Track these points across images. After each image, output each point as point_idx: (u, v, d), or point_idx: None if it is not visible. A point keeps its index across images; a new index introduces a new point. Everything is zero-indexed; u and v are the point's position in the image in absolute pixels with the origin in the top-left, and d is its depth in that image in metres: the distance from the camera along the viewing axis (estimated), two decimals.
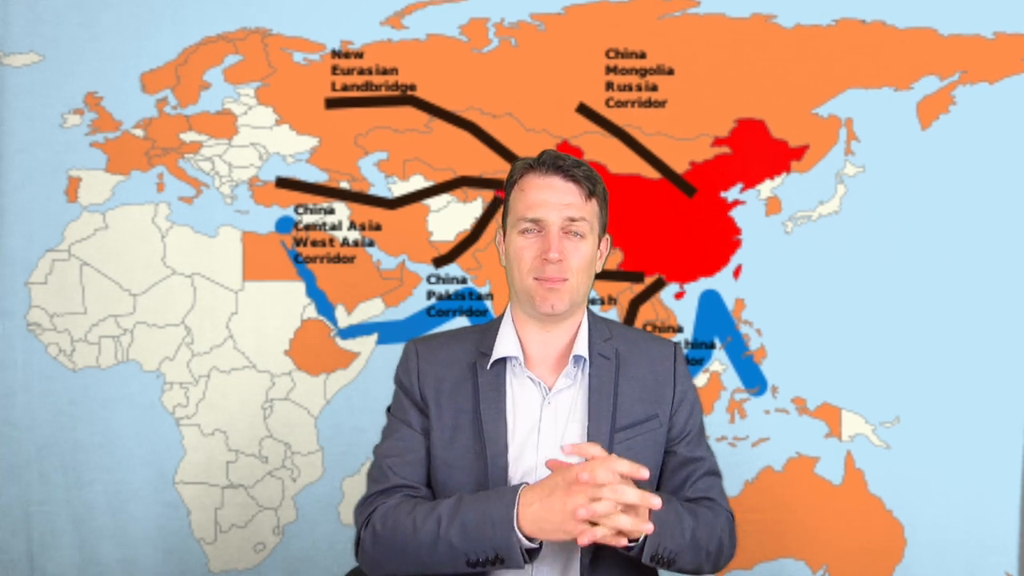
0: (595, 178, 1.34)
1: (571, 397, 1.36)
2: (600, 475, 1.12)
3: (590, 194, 1.33)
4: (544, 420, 1.33)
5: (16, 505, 2.20)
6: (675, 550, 1.23)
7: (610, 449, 1.29)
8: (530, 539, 1.16)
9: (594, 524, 1.13)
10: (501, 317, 1.42)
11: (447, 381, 1.36)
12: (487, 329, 1.41)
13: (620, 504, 1.12)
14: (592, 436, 1.32)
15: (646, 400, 1.37)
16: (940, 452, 2.19)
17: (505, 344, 1.36)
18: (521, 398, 1.35)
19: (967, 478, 2.19)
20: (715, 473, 1.42)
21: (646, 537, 1.18)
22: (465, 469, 1.32)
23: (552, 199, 1.31)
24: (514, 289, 1.37)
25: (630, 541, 1.18)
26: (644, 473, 1.13)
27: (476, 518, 1.17)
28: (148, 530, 2.21)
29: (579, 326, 1.39)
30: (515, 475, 1.31)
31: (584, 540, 1.12)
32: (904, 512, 2.21)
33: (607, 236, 1.42)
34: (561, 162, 1.33)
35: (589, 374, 1.35)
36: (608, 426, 1.33)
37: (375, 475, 1.36)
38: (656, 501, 1.12)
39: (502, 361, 1.36)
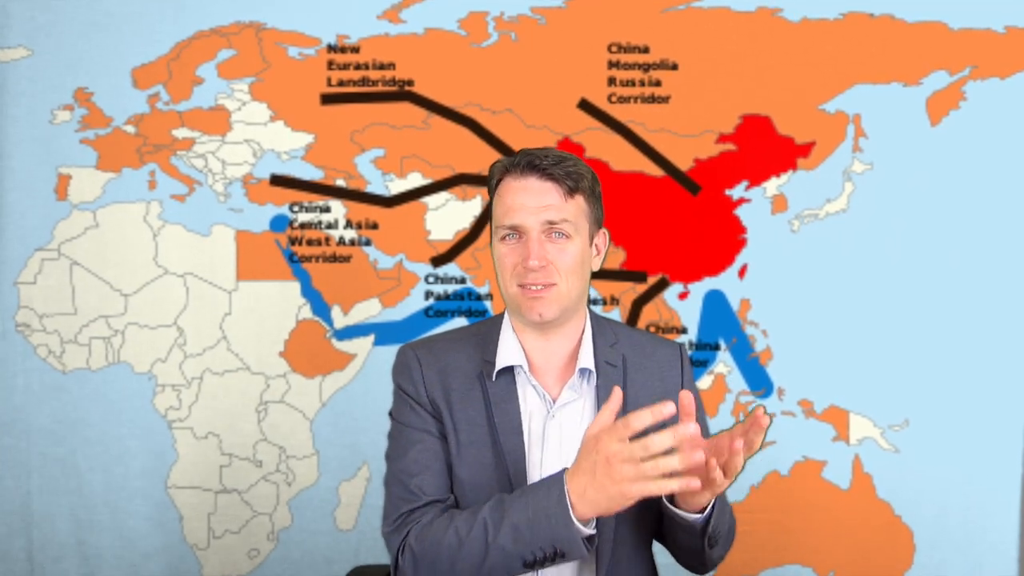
0: (579, 173, 1.26)
1: (578, 411, 1.29)
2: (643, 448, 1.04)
3: (572, 191, 1.25)
4: (548, 435, 1.27)
5: (16, 507, 2.17)
6: (721, 532, 1.21)
7: None
8: (585, 525, 1.11)
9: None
10: (499, 320, 1.35)
11: (454, 390, 1.29)
12: (487, 334, 1.33)
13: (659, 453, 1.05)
14: None
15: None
16: (950, 456, 2.16)
17: (508, 352, 1.29)
18: (526, 409, 1.29)
19: (977, 483, 2.16)
20: None
21: (713, 507, 1.15)
22: (483, 487, 1.25)
23: (529, 202, 1.24)
24: (504, 298, 1.31)
25: (699, 511, 1.15)
26: (668, 410, 1.04)
27: (528, 517, 1.11)
28: (140, 535, 2.18)
29: (582, 332, 1.32)
30: None
31: (646, 494, 1.07)
32: (913, 517, 2.17)
33: (604, 231, 1.34)
34: (538, 160, 1.25)
35: (596, 386, 1.29)
36: None
37: (402, 494, 1.26)
38: (700, 457, 1.06)
39: (508, 369, 1.29)
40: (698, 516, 1.16)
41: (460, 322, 2.20)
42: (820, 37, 2.16)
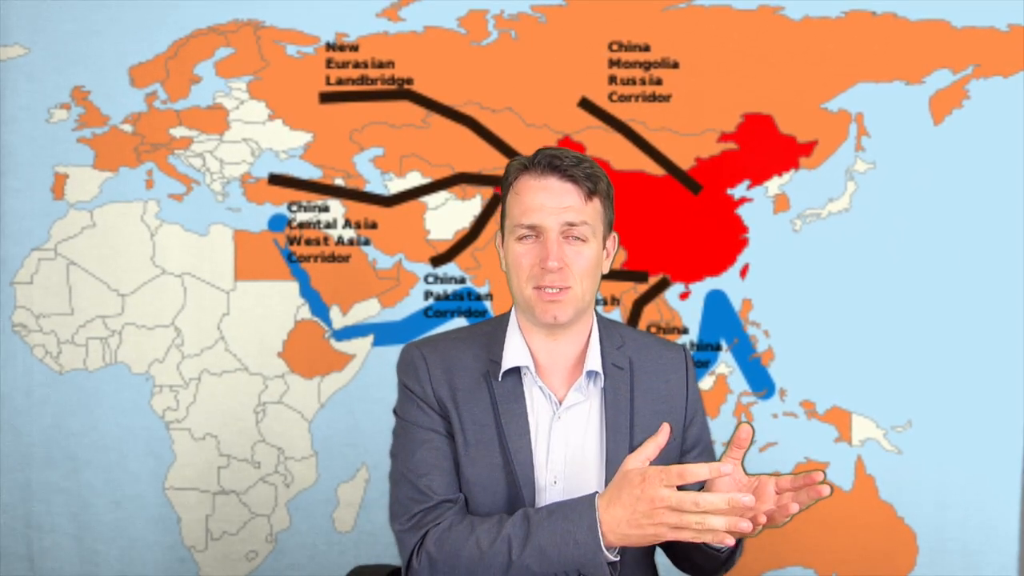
0: (597, 175, 1.27)
1: (584, 413, 1.30)
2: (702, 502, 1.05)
3: (591, 193, 1.25)
4: (554, 437, 1.28)
5: (14, 508, 2.16)
6: (738, 553, 1.24)
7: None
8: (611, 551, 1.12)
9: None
10: (505, 320, 1.35)
11: (461, 390, 1.29)
12: (492, 333, 1.34)
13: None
14: (611, 453, 1.27)
15: (660, 412, 1.32)
16: (954, 457, 2.14)
17: (514, 352, 1.30)
18: (532, 410, 1.29)
19: (981, 484, 2.14)
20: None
21: (739, 541, 1.16)
22: (490, 488, 1.26)
23: (549, 203, 1.24)
24: (515, 298, 1.31)
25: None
26: (725, 469, 1.08)
27: (555, 540, 1.11)
28: (137, 537, 2.16)
29: (589, 335, 1.33)
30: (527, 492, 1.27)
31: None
32: (916, 520, 2.16)
33: (614, 234, 1.35)
34: (558, 161, 1.25)
35: (604, 388, 1.30)
36: (627, 443, 1.28)
37: (412, 494, 1.26)
38: (746, 526, 1.04)
39: (514, 370, 1.30)
40: (723, 547, 1.18)
41: (460, 322, 2.18)
42: (822, 35, 2.15)
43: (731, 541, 1.04)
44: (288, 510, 2.17)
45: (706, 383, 2.18)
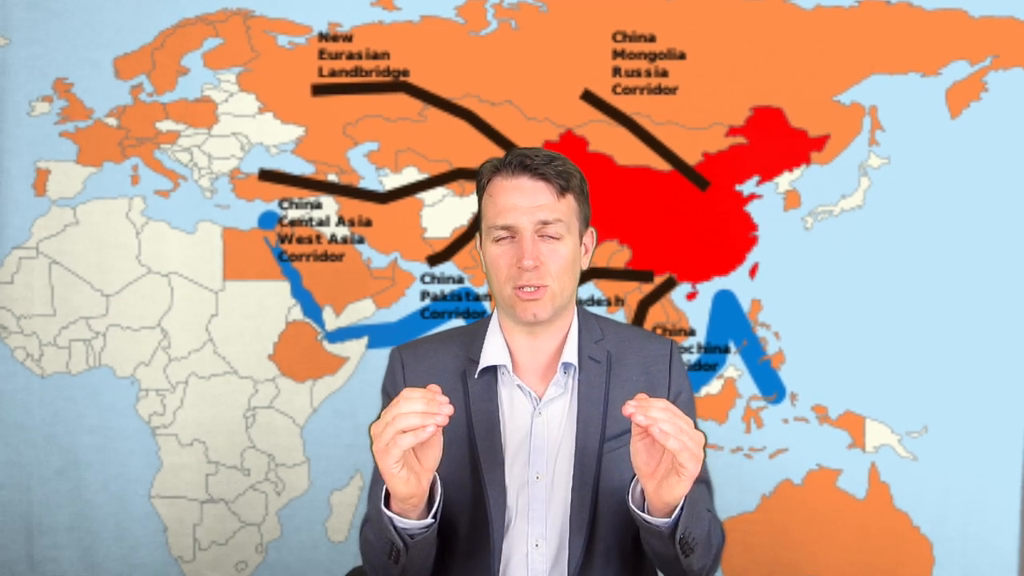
0: (568, 172, 1.30)
1: (562, 407, 1.33)
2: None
3: (563, 190, 1.29)
4: (535, 432, 1.30)
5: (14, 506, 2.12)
6: (697, 539, 1.18)
7: (599, 458, 1.29)
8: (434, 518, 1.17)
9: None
10: (487, 320, 1.39)
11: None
12: (475, 332, 1.38)
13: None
14: (581, 446, 1.29)
15: None
16: (971, 464, 2.09)
17: (493, 351, 1.33)
18: (512, 408, 1.32)
19: (999, 492, 2.09)
20: (707, 482, 1.38)
21: (681, 510, 1.13)
22: (460, 485, 1.28)
23: (522, 202, 1.27)
24: (496, 299, 1.35)
25: (664, 516, 1.15)
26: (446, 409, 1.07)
27: (373, 510, 1.18)
28: (123, 547, 2.12)
29: (568, 330, 1.36)
30: (511, 489, 1.29)
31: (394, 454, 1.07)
32: (932, 528, 2.11)
33: (591, 230, 1.37)
34: (529, 160, 1.28)
35: (579, 381, 1.33)
36: (598, 435, 1.29)
37: (377, 492, 1.33)
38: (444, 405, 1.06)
39: (492, 369, 1.33)
40: (666, 520, 1.15)
41: (457, 323, 2.14)
42: (834, 25, 2.10)
43: (432, 426, 1.05)
44: (279, 519, 2.14)
45: (714, 387, 2.12)
